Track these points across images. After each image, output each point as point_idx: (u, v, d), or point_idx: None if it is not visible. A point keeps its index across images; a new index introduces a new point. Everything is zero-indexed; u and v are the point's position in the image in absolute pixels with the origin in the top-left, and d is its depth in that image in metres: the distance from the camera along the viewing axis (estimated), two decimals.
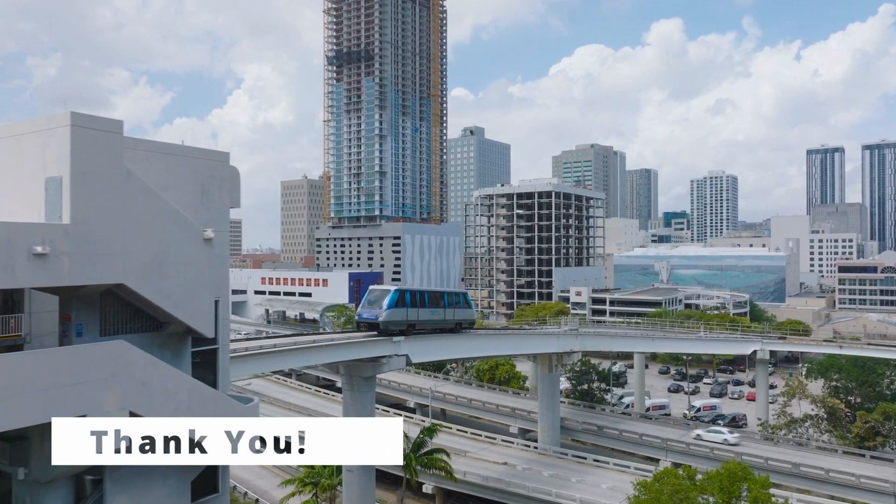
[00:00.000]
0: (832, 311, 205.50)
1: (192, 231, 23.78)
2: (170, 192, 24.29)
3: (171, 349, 24.08)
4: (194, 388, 23.42)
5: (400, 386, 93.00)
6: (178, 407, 22.60)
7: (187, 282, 23.25)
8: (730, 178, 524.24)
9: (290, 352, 37.02)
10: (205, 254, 24.39)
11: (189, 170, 25.73)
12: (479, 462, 65.79)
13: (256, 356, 34.94)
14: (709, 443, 64.71)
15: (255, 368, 37.39)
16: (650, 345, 77.87)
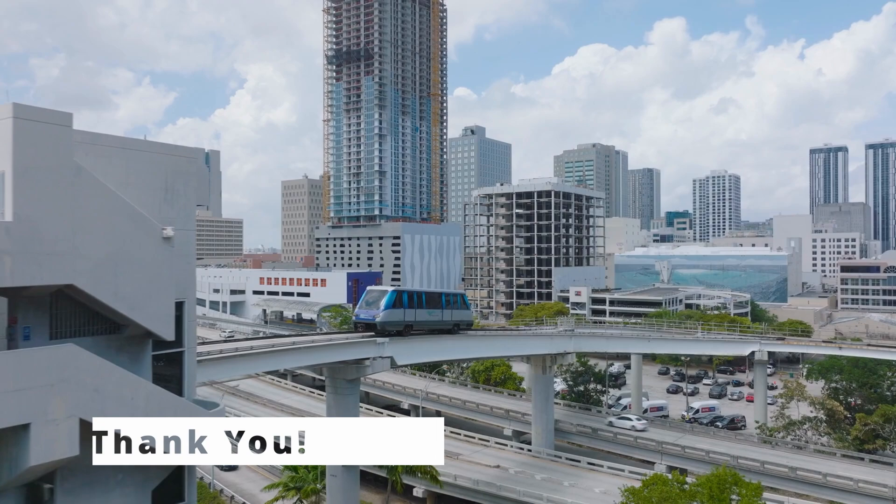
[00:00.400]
0: (834, 312, 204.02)
1: (149, 229, 22.74)
2: (130, 189, 23.30)
3: (130, 353, 23.06)
4: (153, 393, 22.39)
5: (394, 387, 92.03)
6: (135, 413, 21.58)
7: (144, 282, 22.21)
8: (732, 177, 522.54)
9: (267, 354, 35.98)
10: (164, 253, 23.33)
11: (152, 166, 24.72)
12: (471, 465, 64.74)
13: (230, 359, 33.90)
14: (618, 429, 68.83)
15: (229, 372, 36.44)
16: (646, 346, 76.73)
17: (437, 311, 50.91)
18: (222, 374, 35.81)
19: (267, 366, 37.98)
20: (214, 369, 33.00)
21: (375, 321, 45.26)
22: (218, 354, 33.18)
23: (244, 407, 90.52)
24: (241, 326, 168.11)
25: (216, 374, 34.28)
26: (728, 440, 67.23)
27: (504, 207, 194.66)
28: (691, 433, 69.64)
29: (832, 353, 75.01)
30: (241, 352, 34.66)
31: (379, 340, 41.97)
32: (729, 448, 63.24)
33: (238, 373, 37.15)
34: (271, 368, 42.92)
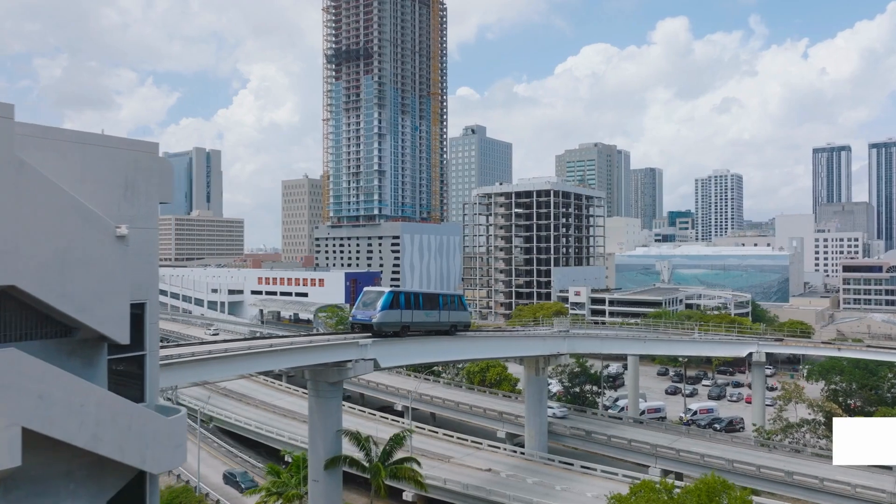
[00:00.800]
0: (836, 312, 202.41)
1: (101, 228, 21.65)
2: (86, 186, 22.24)
3: (82, 357, 22.00)
4: (105, 400, 21.30)
5: (388, 388, 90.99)
6: (85, 421, 20.53)
7: (95, 283, 21.13)
8: (735, 176, 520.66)
9: (241, 357, 34.84)
10: (118, 253, 22.25)
11: (110, 161, 23.63)
12: (462, 468, 63.67)
13: (202, 362, 32.79)
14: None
15: (202, 375, 35.32)
16: (642, 347, 75.51)
17: (435, 312, 50.68)
18: (192, 377, 34.72)
19: (241, 369, 36.91)
20: (183, 373, 31.92)
21: (372, 322, 45.29)
22: (189, 357, 32.09)
23: (237, 409, 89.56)
24: (238, 326, 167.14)
25: (185, 377, 33.21)
26: (724, 443, 66.03)
27: (503, 207, 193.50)
28: (687, 436, 68.46)
29: (831, 354, 73.73)
30: (213, 354, 33.57)
31: (361, 342, 40.89)
32: (724, 451, 62.04)
33: (210, 377, 36.05)
34: (246, 372, 41.84)
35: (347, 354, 40.39)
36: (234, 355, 34.40)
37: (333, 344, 40.30)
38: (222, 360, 33.86)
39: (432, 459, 66.51)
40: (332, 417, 41.62)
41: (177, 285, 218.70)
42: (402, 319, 47.01)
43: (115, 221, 22.90)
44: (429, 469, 63.33)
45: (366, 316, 46.07)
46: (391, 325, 46.21)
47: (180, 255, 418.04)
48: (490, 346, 58.55)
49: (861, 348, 69.89)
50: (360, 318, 46.48)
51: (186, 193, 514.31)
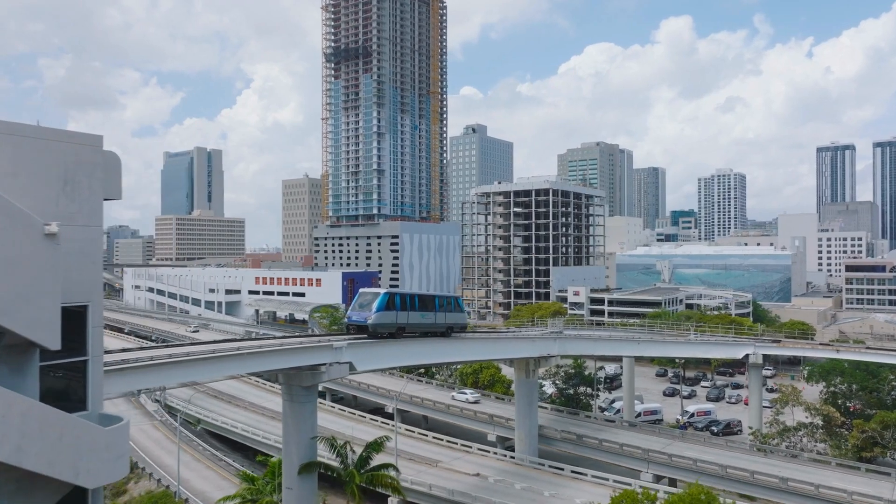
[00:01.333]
0: (839, 312, 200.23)
1: (27, 225, 20.13)
2: (19, 181, 20.80)
3: (9, 364, 20.53)
4: (31, 410, 19.83)
5: (378, 390, 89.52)
6: (7, 433, 19.10)
7: (20, 285, 19.64)
8: (738, 176, 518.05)
9: (205, 361, 33.35)
10: (47, 252, 20.78)
11: (47, 155, 22.14)
12: (449, 473, 62.18)
13: (160, 367, 31.29)
14: (456, 403, 77.95)
15: (159, 381, 33.88)
16: (636, 348, 73.87)
17: (431, 313, 50.41)
18: (147, 382, 33.21)
19: (204, 374, 35.41)
20: (136, 378, 30.42)
21: (367, 323, 45.30)
22: (147, 362, 30.62)
23: (225, 411, 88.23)
24: (234, 327, 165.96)
25: (139, 383, 31.72)
26: (719, 447, 64.37)
27: (502, 206, 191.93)
28: (681, 440, 66.80)
29: (829, 356, 72.02)
30: (174, 358, 32.05)
31: (336, 345, 39.39)
32: (719, 456, 60.40)
33: (172, 380, 34.55)
34: (209, 377, 40.28)
35: (321, 358, 38.89)
36: (196, 359, 32.89)
37: (306, 347, 38.80)
38: (184, 364, 32.34)
39: (420, 464, 65.13)
40: (307, 422, 40.13)
41: (174, 285, 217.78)
42: (398, 321, 46.85)
43: (53, 219, 21.37)
44: (415, 474, 61.98)
45: (361, 317, 46.08)
46: (386, 327, 46.17)
47: (181, 255, 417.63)
48: (476, 349, 56.98)
49: (860, 350, 68.16)
50: (356, 320, 46.50)
51: (188, 193, 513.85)
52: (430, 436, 74.20)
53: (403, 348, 46.51)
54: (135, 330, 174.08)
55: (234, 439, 79.14)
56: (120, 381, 29.28)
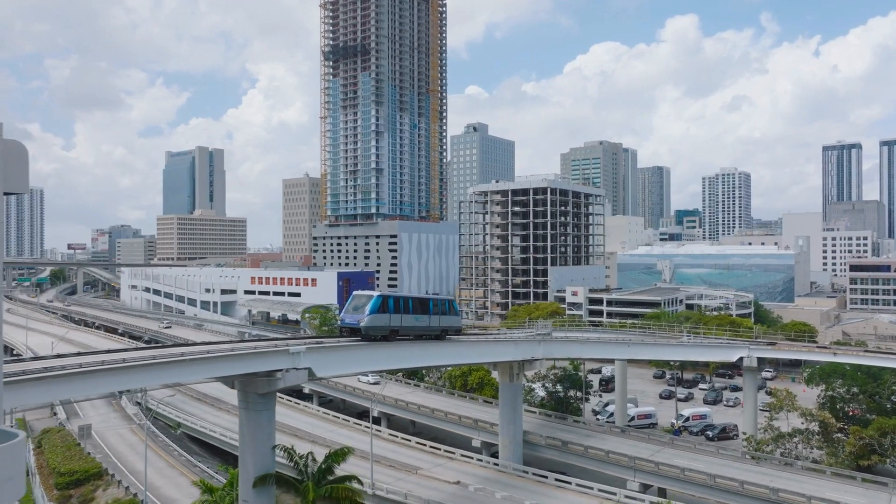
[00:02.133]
0: (843, 312, 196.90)
1: None
2: None
3: None
4: None
5: (364, 393, 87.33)
6: None
7: None
8: (742, 175, 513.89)
9: (144, 368, 31.01)
10: None
11: None
12: (429, 480, 59.89)
13: (88, 374, 28.99)
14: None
15: (86, 390, 31.64)
16: (626, 351, 71.42)
17: (425, 316, 50.21)
18: (74, 392, 31.10)
19: (140, 382, 33.24)
20: (62, 387, 28.19)
21: (360, 326, 45.33)
22: (76, 369, 28.41)
23: (208, 414, 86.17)
24: (227, 327, 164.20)
25: (65, 392, 29.57)
26: (710, 454, 61.83)
27: (500, 205, 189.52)
28: (671, 446, 64.33)
29: (826, 359, 69.45)
30: (107, 365, 29.76)
31: (293, 349, 37.15)
32: (709, 464, 57.91)
33: (98, 391, 32.23)
34: (148, 385, 38.12)
35: (276, 363, 36.65)
36: (131, 367, 30.57)
37: (259, 352, 36.53)
38: (116, 372, 30.06)
39: (400, 470, 62.91)
40: (264, 432, 37.90)
41: (170, 285, 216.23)
42: (391, 324, 46.69)
43: None
44: (394, 481, 59.74)
45: (354, 320, 45.96)
46: (379, 329, 46.07)
47: (182, 255, 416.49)
48: (453, 353, 54.61)
49: (858, 353, 65.59)
50: (349, 322, 46.43)
51: (189, 193, 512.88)
52: (414, 441, 71.95)
53: (369, 353, 44.23)
54: (129, 330, 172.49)
55: (213, 444, 76.97)
56: (38, 391, 27.13)
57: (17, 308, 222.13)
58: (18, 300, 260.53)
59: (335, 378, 78.45)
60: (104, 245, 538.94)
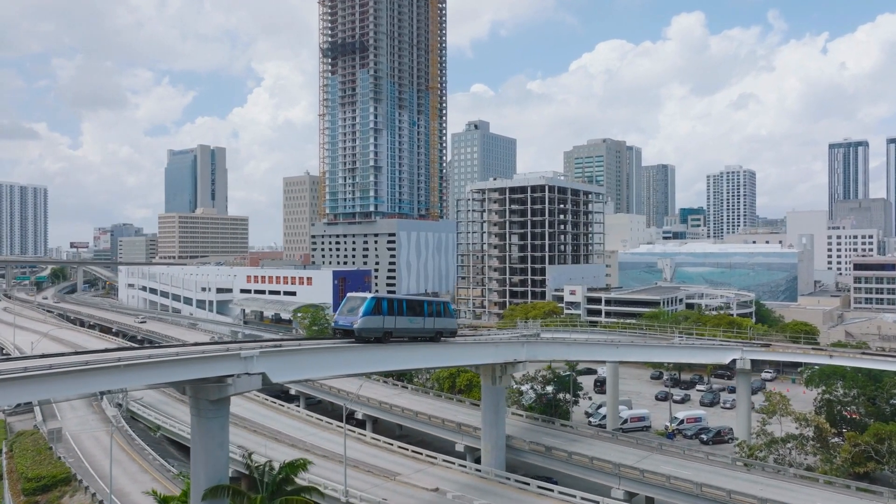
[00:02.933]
0: (847, 312, 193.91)
1: None
2: None
3: None
4: None
5: (349, 395, 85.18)
6: None
7: None
8: (747, 172, 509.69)
9: (71, 375, 28.78)
10: None
11: None
12: (406, 488, 57.80)
13: (4, 382, 26.90)
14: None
15: (19, 397, 29.33)
16: (614, 353, 69.05)
17: (419, 318, 50.38)
18: (13, 398, 28.98)
19: (67, 391, 31.09)
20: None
21: (353, 328, 45.52)
22: (6, 375, 26.21)
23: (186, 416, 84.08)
24: (220, 327, 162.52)
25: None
26: (699, 461, 59.44)
27: (497, 203, 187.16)
28: (660, 452, 61.97)
29: (822, 361, 66.94)
30: (30, 372, 27.57)
31: (244, 353, 35.03)
32: (697, 471, 55.57)
33: (15, 399, 29.79)
34: (76, 394, 36.08)
35: (226, 368, 34.53)
36: (56, 374, 28.38)
37: (207, 356, 34.39)
38: (38, 379, 27.81)
39: (377, 476, 60.85)
40: (215, 440, 35.79)
41: (166, 284, 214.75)
42: (385, 325, 46.86)
43: None
44: (370, 487, 57.70)
45: (348, 322, 46.12)
46: (373, 331, 46.21)
47: (184, 254, 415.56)
48: (430, 355, 52.33)
49: (855, 355, 63.11)
50: (343, 324, 46.55)
51: (191, 191, 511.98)
52: (396, 445, 69.85)
53: (333, 357, 41.88)
54: (122, 329, 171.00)
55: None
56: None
57: (13, 306, 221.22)
58: (17, 299, 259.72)
59: (295, 382, 76.03)
60: (106, 244, 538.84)
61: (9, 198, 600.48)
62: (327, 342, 43.73)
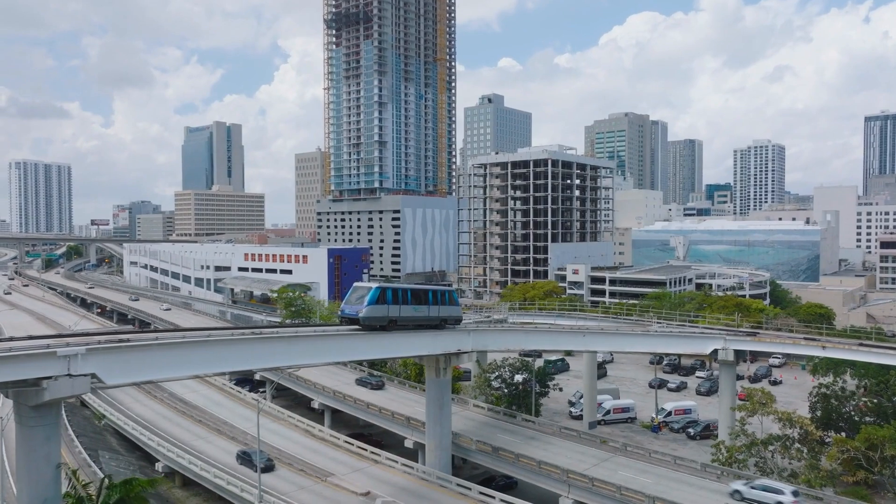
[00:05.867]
0: (870, 293, 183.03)
1: None
2: None
3: None
4: None
5: (315, 386, 79.56)
6: None
7: None
8: (776, 147, 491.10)
9: None
10: None
11: None
12: (334, 491, 52.12)
13: None
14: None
15: None
16: (581, 342, 61.96)
17: (424, 306, 51.52)
18: None
19: None
20: None
21: (358, 316, 47.25)
22: None
23: (138, 403, 79.63)
24: (209, 306, 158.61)
25: None
26: (665, 466, 52.54)
27: (499, 178, 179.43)
28: (623, 454, 55.23)
29: (813, 353, 59.32)
30: None
31: (63, 352, 29.02)
32: (657, 480, 48.79)
33: None
34: None
35: (39, 369, 28.67)
36: None
37: (14, 355, 28.56)
38: None
39: (308, 477, 55.32)
40: (39, 453, 30.17)
41: (166, 261, 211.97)
42: (389, 314, 48.32)
43: None
44: (294, 490, 52.25)
45: (353, 310, 47.69)
46: (377, 320, 47.78)
47: (200, 231, 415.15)
48: (350, 348, 46.07)
49: (851, 347, 55.36)
50: (349, 313, 48.07)
51: (207, 168, 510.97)
52: (343, 440, 64.24)
53: (186, 353, 34.97)
54: (116, 308, 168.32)
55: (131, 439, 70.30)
56: None
57: (17, 285, 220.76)
58: (26, 276, 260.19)
59: (139, 383, 70.42)
60: (125, 221, 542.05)
61: (34, 176, 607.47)
62: (194, 334, 37.46)
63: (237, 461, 58.65)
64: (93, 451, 64.15)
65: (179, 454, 60.04)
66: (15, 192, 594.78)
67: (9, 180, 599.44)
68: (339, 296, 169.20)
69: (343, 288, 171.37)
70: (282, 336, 42.87)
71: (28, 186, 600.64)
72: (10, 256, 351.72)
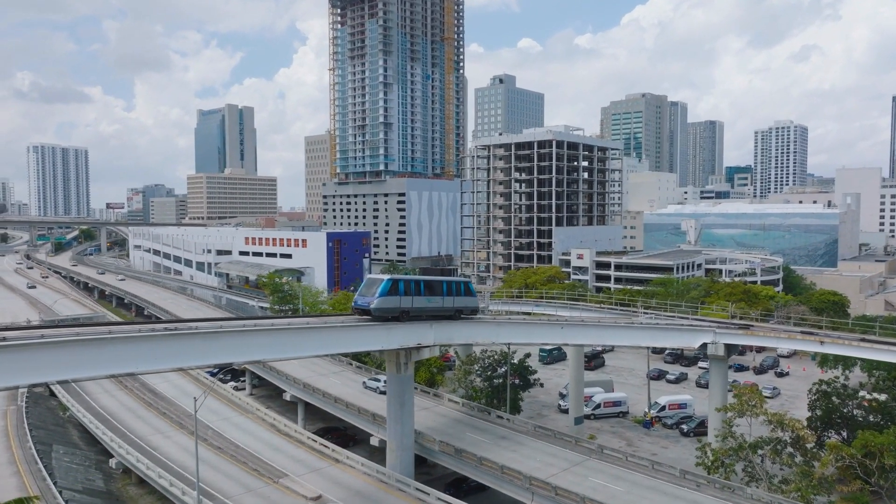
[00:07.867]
0: (891, 278, 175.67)
1: None
2: None
3: None
4: None
5: (279, 374, 76.31)
6: None
7: None
8: (798, 128, 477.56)
9: None
10: None
11: None
12: (284, 494, 48.59)
13: None
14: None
15: None
16: (559, 334, 57.57)
17: (437, 297, 51.14)
18: None
19: None
20: None
21: (370, 307, 47.27)
22: None
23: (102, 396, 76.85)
24: (204, 291, 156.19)
25: None
26: (641, 471, 48.20)
27: (503, 160, 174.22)
28: (599, 457, 50.97)
29: (810, 348, 54.30)
30: None
31: None
32: (628, 489, 44.56)
33: None
34: None
35: None
36: None
37: None
38: None
39: (261, 477, 51.89)
40: None
41: (168, 245, 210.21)
42: (402, 305, 48.35)
43: None
44: (241, 493, 48.81)
45: (365, 302, 47.69)
46: (389, 311, 47.89)
47: (212, 214, 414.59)
48: (279, 345, 41.89)
49: (851, 343, 50.45)
50: (361, 304, 48.08)
51: (219, 152, 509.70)
52: (306, 436, 60.74)
53: (80, 352, 31.41)
54: (114, 292, 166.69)
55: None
56: None
57: (22, 267, 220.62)
58: (35, 259, 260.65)
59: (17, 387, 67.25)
60: (139, 204, 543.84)
61: (52, 160, 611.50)
62: (91, 330, 33.66)
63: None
64: (46, 445, 61.33)
65: (129, 451, 56.95)
66: (34, 175, 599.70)
67: (27, 164, 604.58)
68: (338, 280, 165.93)
69: (343, 273, 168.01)
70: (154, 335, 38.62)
71: (46, 170, 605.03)
72: (23, 240, 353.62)
